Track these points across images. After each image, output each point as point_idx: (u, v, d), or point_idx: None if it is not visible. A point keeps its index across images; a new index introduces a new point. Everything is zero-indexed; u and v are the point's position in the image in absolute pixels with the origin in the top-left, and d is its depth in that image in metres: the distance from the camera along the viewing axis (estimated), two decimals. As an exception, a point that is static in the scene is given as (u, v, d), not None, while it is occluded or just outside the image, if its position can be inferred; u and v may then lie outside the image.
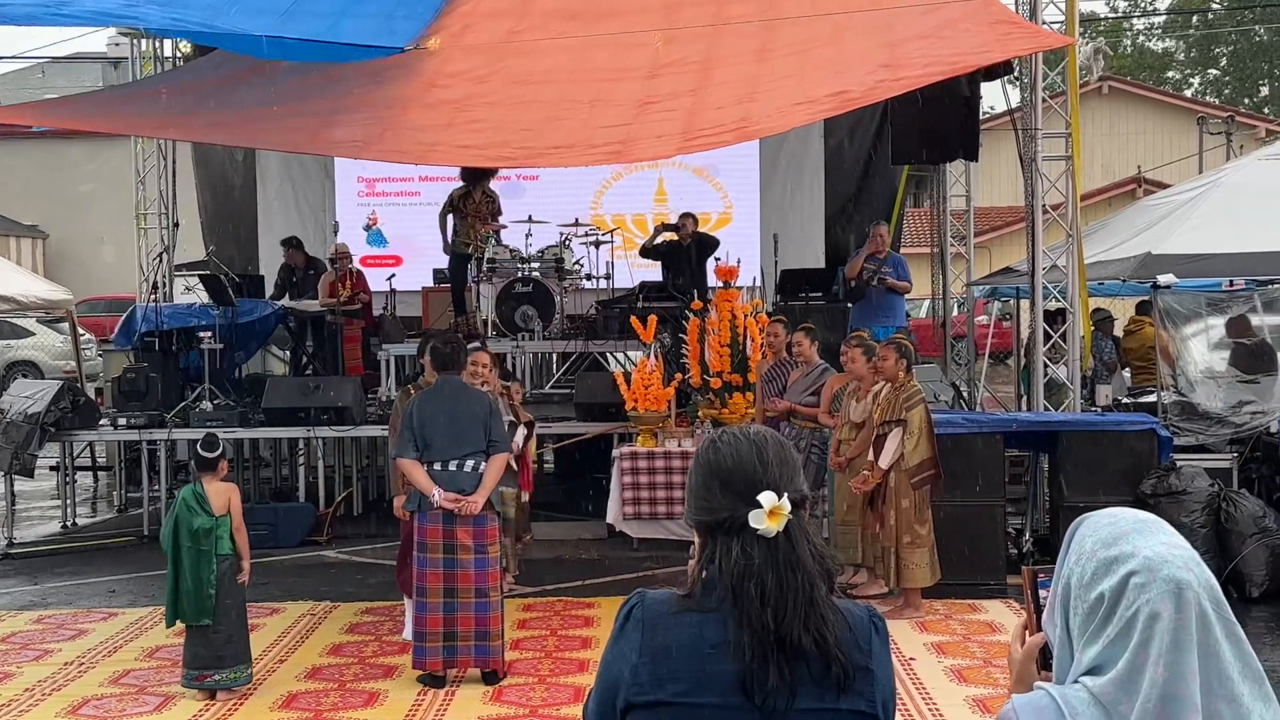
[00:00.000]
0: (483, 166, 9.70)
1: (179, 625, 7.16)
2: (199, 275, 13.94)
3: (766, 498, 2.22)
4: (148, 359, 12.74)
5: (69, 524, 12.58)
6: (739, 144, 10.33)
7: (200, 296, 14.08)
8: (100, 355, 17.60)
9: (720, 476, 2.29)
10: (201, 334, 12.65)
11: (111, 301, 27.16)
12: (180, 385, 12.75)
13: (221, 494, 7.09)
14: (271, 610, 8.98)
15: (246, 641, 7.18)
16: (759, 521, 2.22)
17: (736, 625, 2.20)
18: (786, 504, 2.23)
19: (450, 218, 13.48)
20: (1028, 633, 2.19)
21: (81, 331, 17.74)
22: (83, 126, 11.69)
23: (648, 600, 2.32)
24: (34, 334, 25.38)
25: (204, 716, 6.77)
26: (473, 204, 13.38)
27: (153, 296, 13.77)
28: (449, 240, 13.49)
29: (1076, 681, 1.93)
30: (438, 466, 7.14)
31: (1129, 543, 1.92)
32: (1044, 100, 10.83)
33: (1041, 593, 2.19)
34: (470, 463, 7.16)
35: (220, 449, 7.23)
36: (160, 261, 14.65)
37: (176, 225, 14.88)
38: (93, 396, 13.59)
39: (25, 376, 18.86)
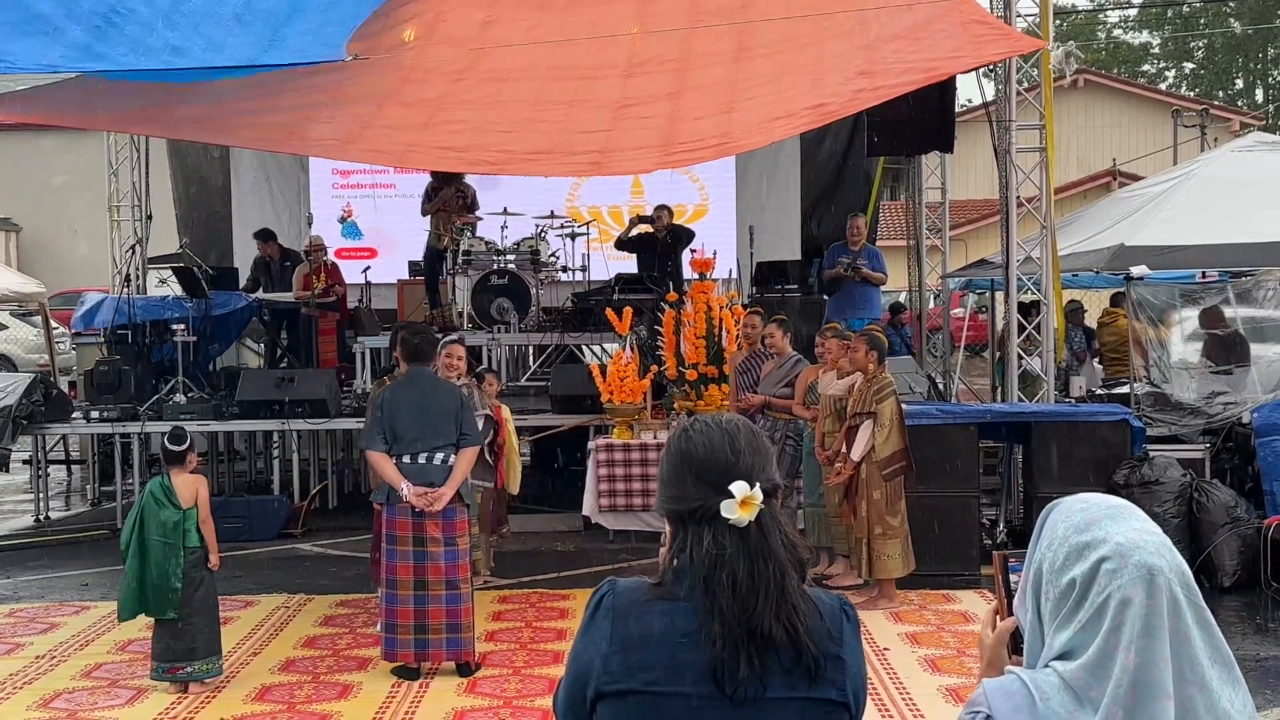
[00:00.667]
0: (460, 172, 9.69)
1: (147, 619, 7.11)
2: (172, 268, 13.86)
3: (739, 487, 2.21)
4: (121, 351, 12.67)
5: (41, 518, 12.49)
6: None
7: (174, 289, 14.00)
8: (73, 348, 17.46)
9: (692, 465, 2.28)
10: (175, 326, 12.58)
11: (84, 294, 26.98)
12: (154, 378, 12.68)
13: (189, 486, 7.04)
14: (245, 603, 8.94)
15: (218, 633, 7.13)
16: (731, 511, 2.21)
17: (707, 614, 2.19)
18: (759, 493, 2.22)
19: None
20: (999, 618, 2.19)
21: (55, 324, 17.62)
22: (57, 122, 11.61)
23: (618, 589, 2.31)
24: (6, 327, 25.22)
25: (177, 709, 6.74)
26: (444, 199, 13.38)
27: (125, 289, 13.69)
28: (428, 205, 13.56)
29: (1047, 666, 1.93)
30: (407, 459, 7.08)
31: (1101, 528, 1.92)
32: (1018, 93, 10.86)
33: (1013, 577, 2.19)
34: (440, 455, 7.12)
35: (188, 442, 7.17)
36: (133, 254, 14.57)
37: (149, 217, 14.78)
38: (66, 389, 13.51)
39: (-3, 370, 18.73)
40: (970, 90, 68.35)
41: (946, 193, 15.40)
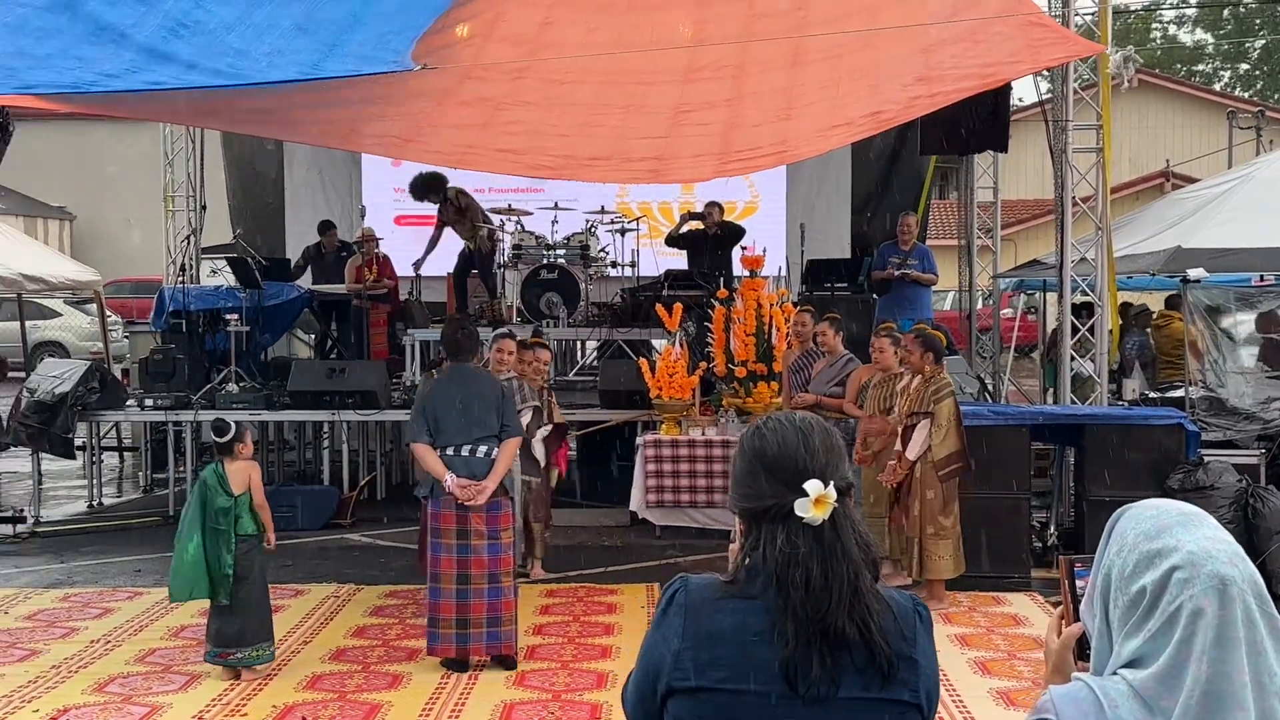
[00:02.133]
0: (519, 175, 9.76)
1: (203, 604, 7.21)
2: (226, 258, 13.98)
3: (813, 486, 2.21)
4: (175, 340, 12.80)
5: (95, 503, 12.64)
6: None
7: (227, 279, 14.12)
8: (126, 336, 17.65)
9: (765, 463, 2.28)
10: (228, 316, 12.70)
11: (138, 283, 27.29)
12: (206, 367, 12.80)
13: (241, 473, 7.13)
14: (295, 592, 9.02)
15: (269, 620, 7.23)
16: (805, 510, 2.21)
17: (780, 613, 2.19)
18: (832, 492, 2.22)
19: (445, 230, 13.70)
20: (1064, 623, 2.18)
21: (108, 313, 17.82)
22: (121, 113, 11.73)
23: (691, 586, 2.31)
24: (61, 314, 25.53)
25: (229, 695, 6.81)
26: (447, 214, 13.47)
27: (180, 278, 13.82)
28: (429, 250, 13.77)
29: (1115, 673, 1.92)
30: (450, 452, 7.15)
31: (1172, 536, 1.91)
32: (1074, 92, 10.78)
33: (1079, 583, 2.18)
34: (483, 448, 7.18)
35: (231, 432, 7.20)
36: (188, 244, 14.71)
37: (204, 208, 14.92)
38: (119, 377, 13.65)
39: (52, 357, 18.94)
40: (1023, 89, 67.75)
41: (998, 192, 15.29)
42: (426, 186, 13.20)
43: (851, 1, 7.91)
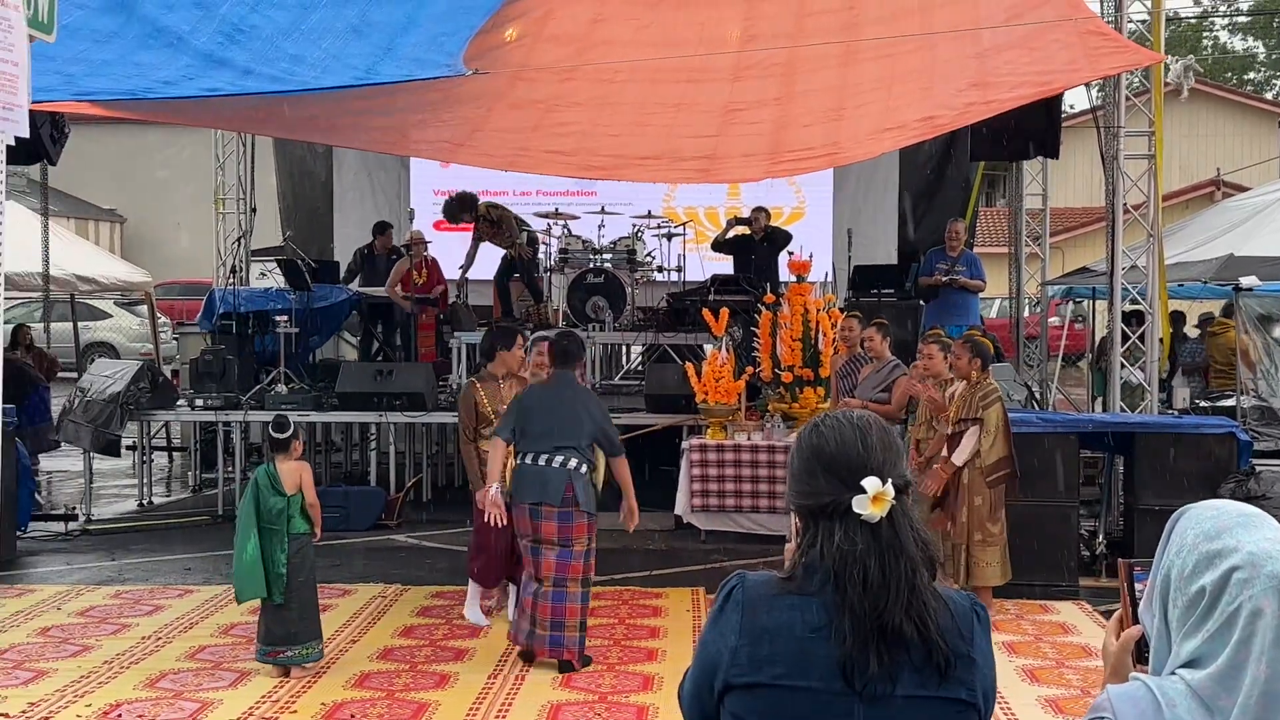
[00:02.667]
0: (569, 176, 9.85)
1: (253, 603, 7.28)
2: (276, 260, 14.11)
3: (871, 483, 2.22)
4: (224, 341, 12.92)
5: (145, 502, 12.78)
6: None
7: (276, 281, 14.25)
8: (175, 338, 17.85)
9: (823, 460, 2.28)
10: (277, 318, 12.80)
11: (187, 285, 27.56)
12: (255, 368, 12.91)
13: (293, 473, 7.20)
14: (343, 592, 9.08)
15: (318, 618, 7.29)
16: (863, 507, 2.21)
17: (837, 610, 2.20)
18: (890, 489, 2.23)
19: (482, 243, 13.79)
20: (1123, 625, 2.17)
21: (157, 314, 18.02)
22: (174, 119, 11.86)
23: (748, 582, 2.32)
24: (111, 316, 25.82)
25: (278, 693, 6.87)
26: (483, 230, 13.56)
27: (230, 280, 13.95)
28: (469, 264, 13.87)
29: (1173, 673, 1.92)
30: (529, 460, 7.20)
31: (1232, 537, 1.90)
32: (1127, 98, 10.71)
33: (1138, 585, 2.17)
34: (560, 458, 7.16)
35: (292, 429, 7.34)
36: (238, 246, 14.86)
37: (254, 210, 15.06)
38: (169, 378, 13.80)
39: (102, 358, 19.17)
40: (1072, 96, 67.25)
41: (1047, 199, 15.20)
42: (459, 207, 13.36)
43: (904, 1, 7.88)
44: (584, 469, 7.24)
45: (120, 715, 6.55)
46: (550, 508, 7.13)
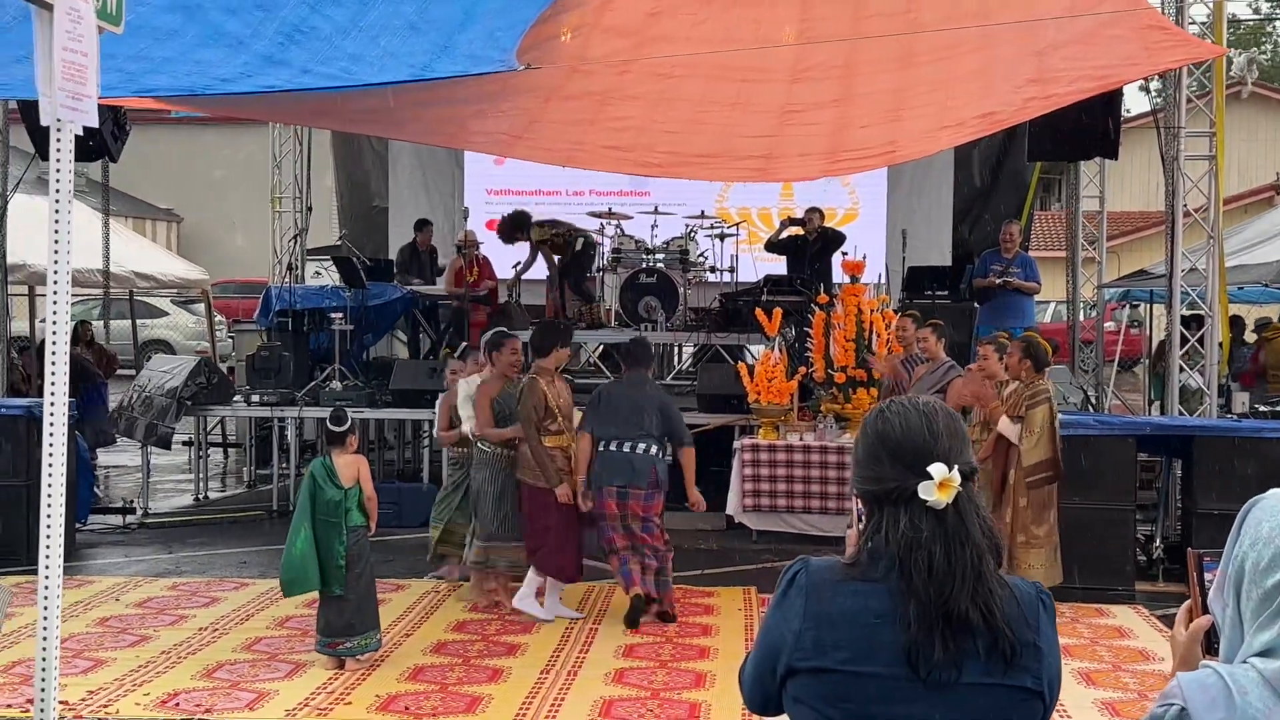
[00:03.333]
0: (624, 173, 9.91)
1: (308, 596, 7.33)
2: (331, 258, 14.22)
3: (937, 469, 2.21)
4: (280, 338, 13.02)
5: (201, 497, 12.91)
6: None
7: (331, 279, 14.36)
8: (231, 335, 18.03)
9: (889, 446, 2.28)
10: (332, 315, 12.90)
11: (242, 284, 27.82)
12: (310, 365, 13.01)
13: (350, 466, 7.26)
14: (397, 586, 9.13)
15: (376, 609, 7.36)
16: (929, 493, 2.20)
17: (902, 596, 2.19)
18: (957, 475, 2.22)
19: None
20: (1193, 615, 2.16)
21: (214, 312, 18.21)
22: (236, 113, 11.98)
23: (812, 567, 2.31)
24: (168, 314, 26.12)
25: (333, 684, 6.92)
26: (545, 247, 13.64)
27: (286, 278, 14.07)
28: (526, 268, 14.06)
29: (1245, 662, 1.90)
30: (613, 447, 8.13)
31: (1311, 529, 1.89)
32: (1188, 99, 10.59)
33: (1207, 575, 2.16)
34: (642, 445, 8.13)
35: (349, 423, 7.40)
36: (294, 244, 14.99)
37: (310, 209, 15.19)
38: (225, 374, 13.93)
39: (159, 354, 19.38)
40: (1130, 99, 66.63)
41: (1105, 201, 15.05)
42: (514, 227, 13.49)
43: (962, 4, 7.83)
44: (661, 454, 8.26)
45: (178, 704, 6.62)
46: (638, 489, 8.11)
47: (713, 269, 14.11)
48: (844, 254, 12.86)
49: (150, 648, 7.63)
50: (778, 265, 13.98)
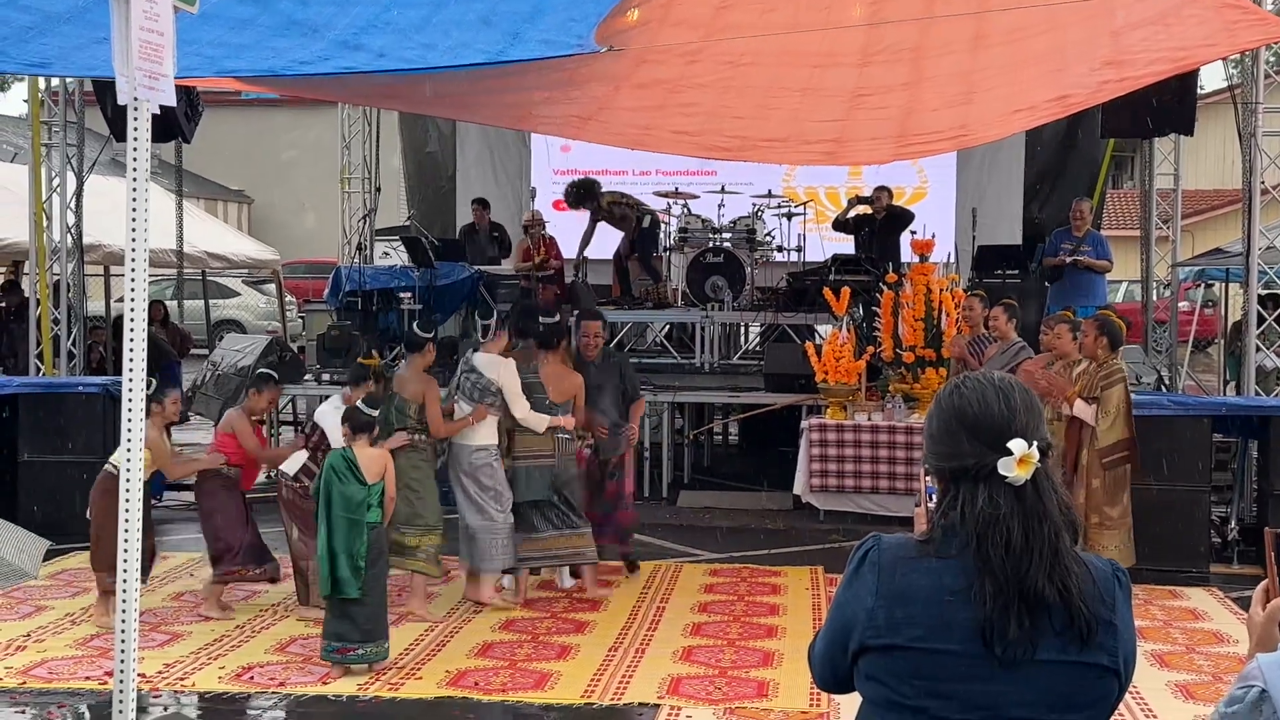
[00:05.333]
0: (694, 156, 9.90)
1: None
2: (400, 238, 14.32)
3: (1017, 445, 2.19)
4: (350, 318, 13.13)
5: (272, 474, 13.02)
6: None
7: (400, 259, 14.45)
8: (301, 316, 18.23)
9: (966, 423, 2.26)
10: (401, 295, 12.99)
11: (311, 265, 28.10)
12: (380, 345, 13.10)
13: (377, 461, 6.87)
14: (461, 565, 9.18)
15: (386, 614, 6.94)
16: (1009, 469, 2.19)
17: (978, 573, 2.18)
18: (1035, 452, 2.20)
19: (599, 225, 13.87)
20: (1270, 595, 2.13)
21: (284, 292, 18.41)
22: (308, 94, 12.09)
23: (884, 544, 2.30)
24: (239, 294, 26.43)
25: (404, 659, 6.96)
26: (602, 217, 13.61)
27: (355, 258, 14.18)
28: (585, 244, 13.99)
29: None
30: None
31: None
32: (1266, 74, 10.40)
33: None
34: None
35: (378, 411, 7.09)
36: (363, 224, 15.10)
37: (378, 190, 15.30)
38: (296, 353, 14.08)
39: (231, 334, 19.62)
40: (1204, 75, 65.37)
41: (1180, 179, 14.81)
42: (581, 195, 13.43)
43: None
44: None
45: (252, 678, 6.72)
46: None
47: (780, 248, 14.05)
48: (913, 233, 12.76)
49: (224, 622, 7.74)
50: (845, 244, 13.90)
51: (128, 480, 4.41)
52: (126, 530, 4.41)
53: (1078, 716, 2.21)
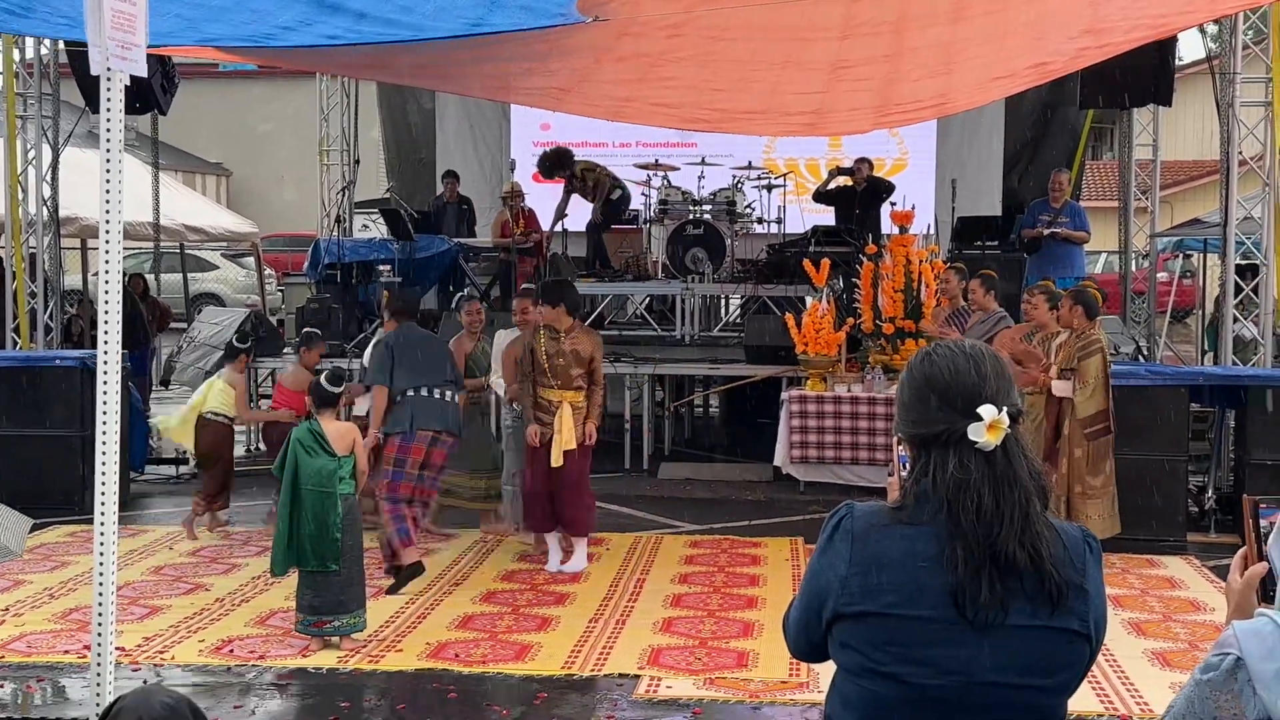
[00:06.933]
0: (674, 128, 9.85)
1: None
2: (380, 210, 14.26)
3: (987, 410, 2.20)
4: (329, 291, 13.09)
5: (252, 448, 13.03)
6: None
7: (380, 231, 14.40)
8: (281, 289, 18.17)
9: (937, 389, 2.27)
10: (380, 267, 12.95)
11: (291, 238, 27.98)
12: (359, 317, 13.08)
13: (345, 435, 6.79)
14: (446, 536, 9.21)
15: (364, 585, 6.88)
16: (978, 435, 2.20)
17: (950, 539, 2.19)
18: (1005, 417, 2.21)
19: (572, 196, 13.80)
20: (1248, 562, 2.14)
21: (263, 265, 18.33)
22: (288, 64, 11.99)
23: (857, 512, 2.31)
24: (218, 268, 26.32)
25: (384, 631, 6.97)
26: (575, 188, 13.56)
27: (334, 230, 14.12)
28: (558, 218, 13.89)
29: (1302, 609, 1.89)
30: (424, 392, 8.02)
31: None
32: (1244, 45, 10.40)
33: (1263, 522, 2.14)
34: (450, 393, 8.14)
35: (344, 385, 7.08)
36: (342, 197, 15.04)
37: (357, 162, 15.22)
38: (275, 326, 14.04)
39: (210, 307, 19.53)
40: (1183, 47, 65.40)
41: (1158, 150, 14.83)
42: (554, 164, 13.38)
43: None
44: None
45: (232, 650, 6.72)
46: (450, 437, 8.10)
47: (760, 220, 14.05)
48: (893, 204, 12.77)
49: (204, 596, 7.74)
50: (826, 216, 13.89)
51: (103, 450, 4.39)
52: (103, 503, 4.39)
53: (1049, 680, 2.23)
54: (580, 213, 14.01)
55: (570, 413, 8.14)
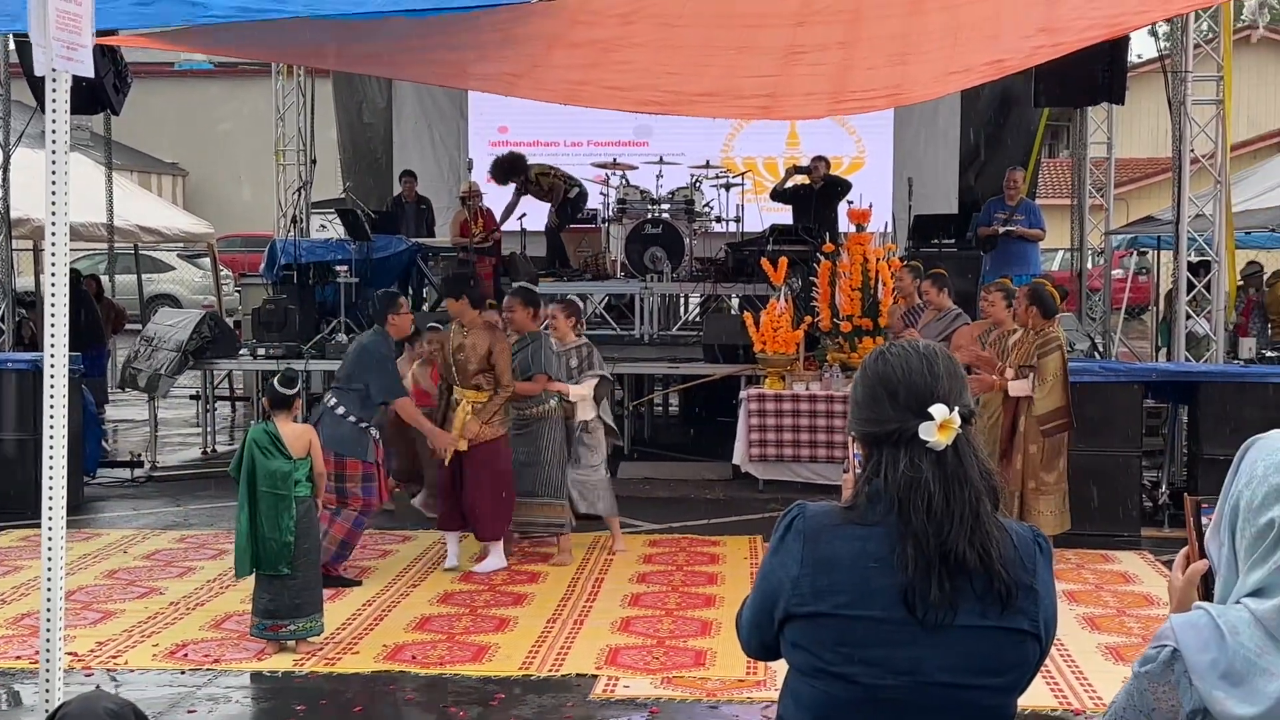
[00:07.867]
0: (627, 110, 9.83)
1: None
2: (336, 210, 14.17)
3: (938, 410, 2.20)
4: (286, 291, 13.00)
5: (208, 450, 12.95)
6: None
7: (337, 232, 14.31)
8: (238, 290, 18.03)
9: (889, 388, 2.27)
10: (338, 268, 12.87)
11: (248, 238, 27.79)
12: (316, 318, 12.99)
13: (301, 437, 6.72)
14: (403, 538, 9.17)
15: (321, 590, 6.83)
16: (929, 434, 2.20)
17: (900, 538, 2.19)
18: (957, 417, 2.22)
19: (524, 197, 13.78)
20: (1189, 560, 2.16)
21: (219, 266, 18.19)
22: (241, 54, 11.89)
23: (808, 512, 2.31)
24: (174, 268, 26.11)
25: (340, 634, 6.93)
26: (530, 191, 13.54)
27: (291, 231, 14.02)
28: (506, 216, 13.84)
29: (1238, 602, 1.90)
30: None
31: (1304, 470, 1.88)
32: (1195, 43, 10.50)
33: (1204, 520, 2.15)
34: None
35: (299, 386, 7.01)
36: (299, 197, 14.93)
37: (314, 162, 15.13)
38: (232, 327, 13.93)
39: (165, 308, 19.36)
40: (1138, 45, 66.01)
41: (1113, 148, 14.95)
42: (508, 170, 13.37)
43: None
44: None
45: (186, 655, 6.66)
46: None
47: (718, 219, 14.06)
48: (849, 202, 12.80)
49: (159, 599, 7.68)
50: (784, 215, 13.91)
51: (51, 453, 4.33)
52: (51, 506, 4.34)
53: (999, 680, 2.23)
54: (538, 213, 13.98)
55: (466, 412, 8.03)
